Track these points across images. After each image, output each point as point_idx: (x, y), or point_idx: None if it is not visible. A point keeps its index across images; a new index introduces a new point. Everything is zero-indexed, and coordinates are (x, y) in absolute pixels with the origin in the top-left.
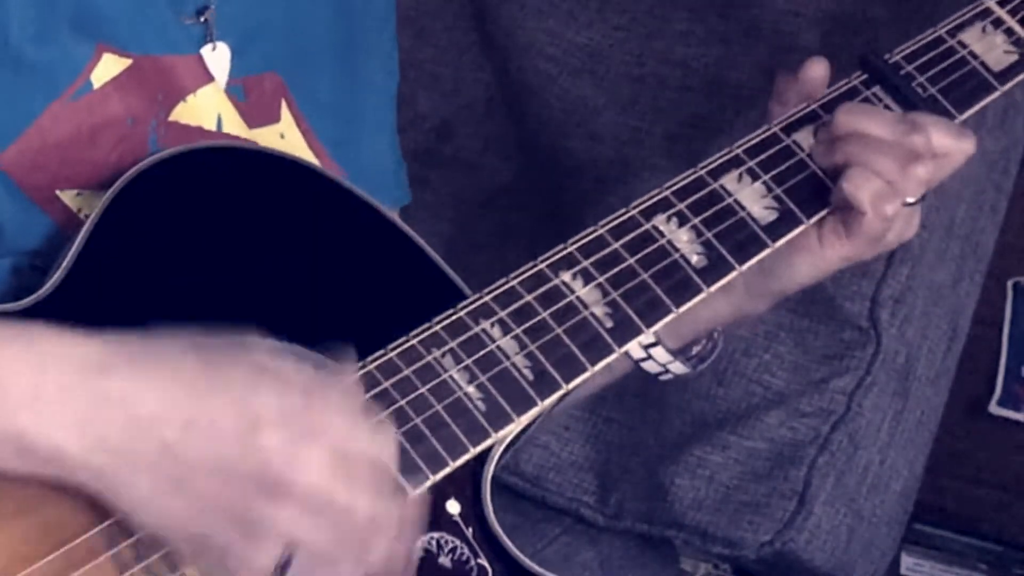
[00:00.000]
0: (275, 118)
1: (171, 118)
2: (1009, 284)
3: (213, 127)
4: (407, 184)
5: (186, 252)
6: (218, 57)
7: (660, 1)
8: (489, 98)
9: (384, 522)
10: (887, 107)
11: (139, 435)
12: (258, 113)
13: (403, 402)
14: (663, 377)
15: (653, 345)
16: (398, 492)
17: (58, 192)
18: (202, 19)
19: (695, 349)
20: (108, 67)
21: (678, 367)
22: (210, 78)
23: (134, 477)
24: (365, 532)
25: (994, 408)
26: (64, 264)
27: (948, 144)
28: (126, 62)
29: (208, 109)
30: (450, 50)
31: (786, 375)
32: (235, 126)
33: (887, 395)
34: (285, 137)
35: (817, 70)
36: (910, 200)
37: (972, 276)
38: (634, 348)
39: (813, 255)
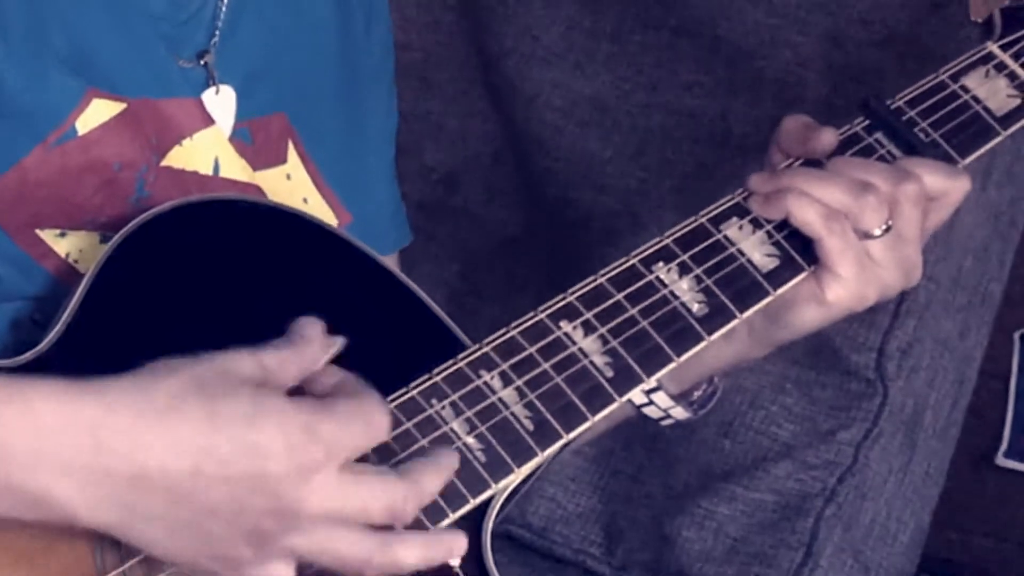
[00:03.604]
0: (282, 159)
1: (165, 162)
2: (1016, 336)
3: (209, 171)
4: (407, 225)
5: (186, 305)
6: (222, 100)
7: (666, 52)
8: (495, 149)
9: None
10: (889, 153)
11: (148, 488)
12: (264, 155)
13: (403, 454)
14: (664, 422)
15: (655, 391)
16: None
17: (39, 232)
18: (202, 62)
19: (696, 394)
20: (97, 112)
21: (679, 412)
22: (210, 121)
23: (146, 525)
24: (378, 547)
25: (1001, 460)
26: (63, 319)
27: (942, 184)
28: (120, 106)
29: (206, 153)
30: (456, 101)
31: (793, 427)
32: (235, 169)
33: (894, 447)
34: (292, 178)
35: (825, 138)
36: (875, 232)
37: (979, 327)
38: (636, 394)
39: (817, 301)
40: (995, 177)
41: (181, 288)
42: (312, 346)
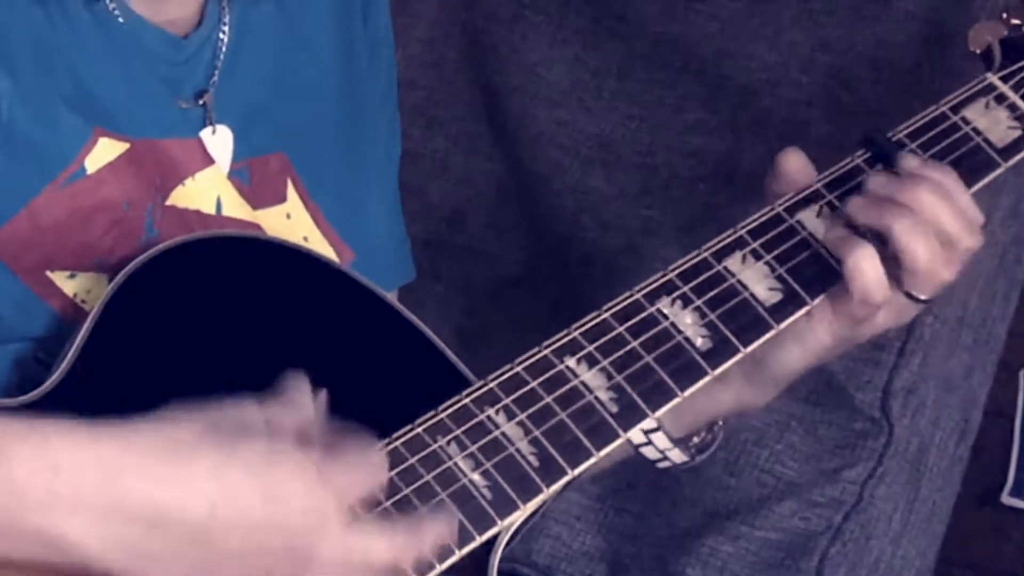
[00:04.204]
0: (281, 198)
1: (168, 202)
2: (1021, 374)
3: (212, 210)
4: (411, 261)
5: (190, 342)
6: (219, 140)
7: (672, 91)
8: (500, 188)
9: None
10: None
11: (163, 529)
12: (263, 194)
13: (408, 491)
14: (661, 464)
15: (654, 431)
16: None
17: (49, 273)
18: (200, 102)
19: (695, 439)
20: (104, 151)
21: (677, 455)
22: (210, 161)
23: (160, 567)
24: None
25: (1006, 498)
26: (67, 357)
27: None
28: (123, 146)
29: (207, 192)
30: (461, 140)
31: (798, 465)
32: (236, 209)
33: (899, 485)
34: (292, 217)
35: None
36: (921, 297)
37: (984, 366)
38: (635, 433)
39: (802, 335)
40: (1000, 215)
41: (185, 325)
42: (300, 402)
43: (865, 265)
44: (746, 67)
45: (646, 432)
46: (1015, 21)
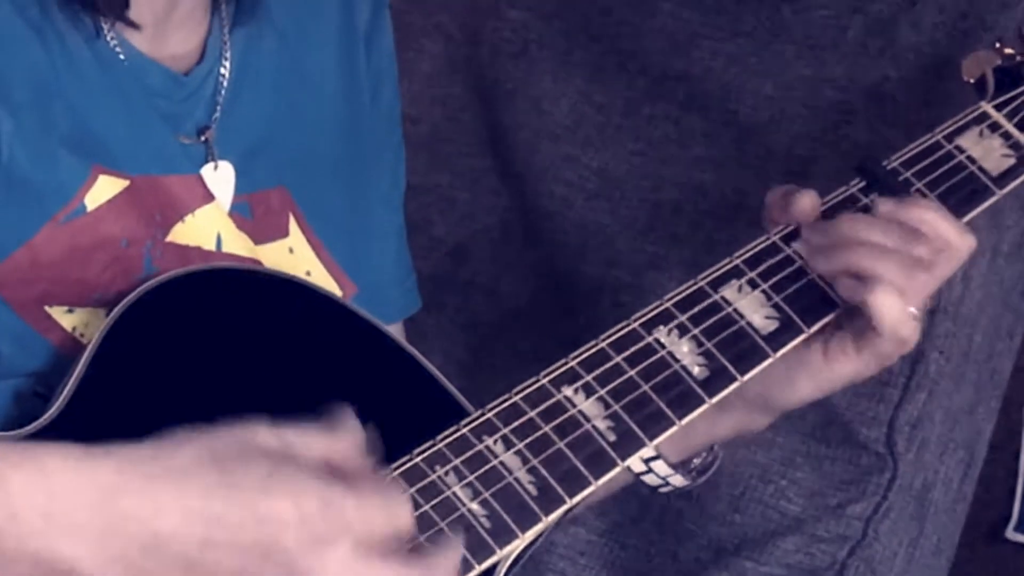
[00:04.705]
0: (283, 233)
1: (169, 238)
2: None
3: (212, 247)
4: (416, 292)
5: (188, 375)
6: (221, 176)
7: (676, 126)
8: (505, 222)
9: None
10: None
11: (159, 553)
12: (265, 229)
13: None
14: (662, 489)
15: (654, 459)
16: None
17: (47, 308)
18: (202, 138)
19: (695, 462)
20: (104, 189)
21: (678, 480)
22: (211, 197)
23: None
24: None
25: (1011, 534)
26: (66, 390)
27: (949, 234)
28: (123, 183)
29: (208, 229)
30: (466, 174)
31: (803, 501)
32: (237, 244)
33: (904, 521)
34: (294, 251)
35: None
36: (915, 312)
37: (989, 401)
38: (635, 462)
39: (817, 371)
40: (1005, 250)
41: (183, 358)
42: (346, 434)
43: (888, 303)
44: (751, 102)
45: (646, 461)
46: (1008, 51)
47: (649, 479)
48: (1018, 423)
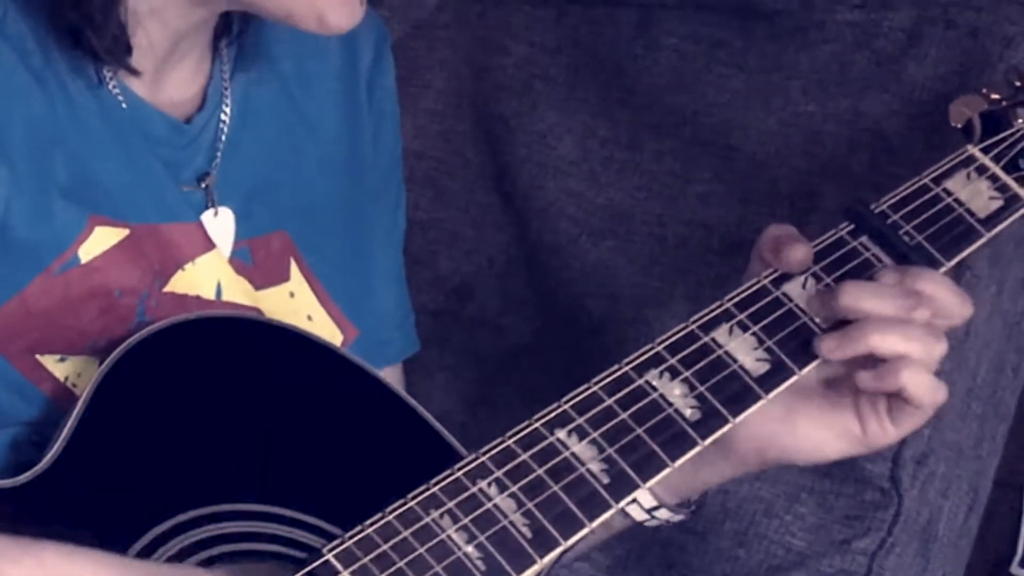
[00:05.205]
0: (284, 277)
1: (167, 288)
2: None
3: (212, 295)
4: (415, 334)
5: (182, 424)
6: (221, 222)
7: (681, 161)
8: (509, 258)
9: None
10: (875, 256)
11: None
12: (266, 274)
13: (402, 563)
14: (648, 523)
15: (656, 508)
16: None
17: (38, 357)
18: (203, 185)
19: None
20: (101, 239)
21: (664, 513)
22: (211, 245)
23: None
24: None
25: (1016, 569)
26: (59, 440)
27: (954, 307)
28: (122, 232)
29: (208, 277)
30: (470, 210)
31: (808, 536)
32: (237, 292)
33: (908, 556)
34: (295, 295)
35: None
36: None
37: (993, 437)
38: (636, 511)
39: (848, 433)
40: (1009, 287)
41: (176, 407)
42: None
43: (918, 380)
44: (756, 138)
45: (649, 510)
46: (994, 96)
47: (634, 511)
48: (1022, 459)
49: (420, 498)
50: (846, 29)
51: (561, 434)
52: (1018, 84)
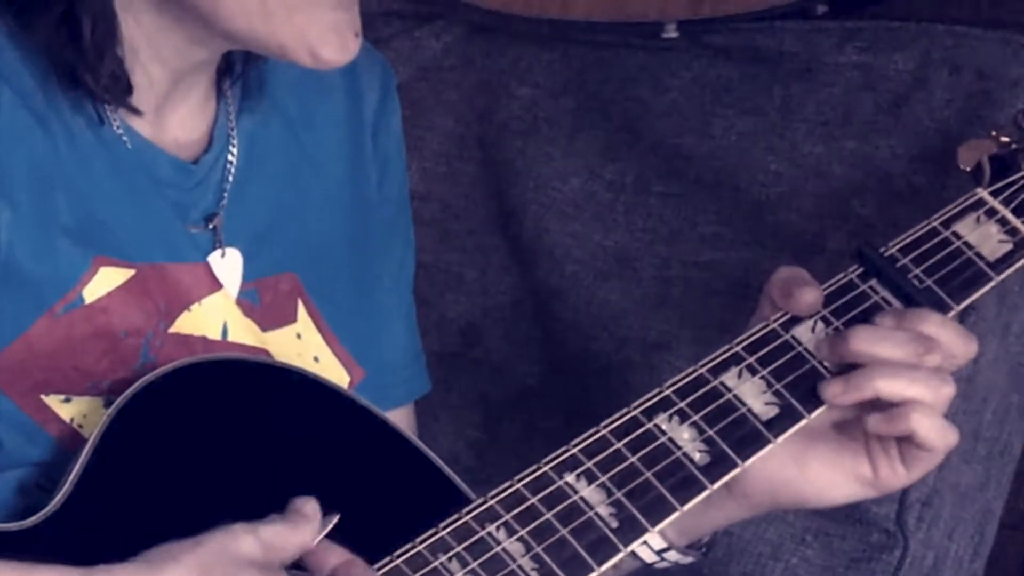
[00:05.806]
0: (291, 318)
1: (173, 329)
2: None
3: (218, 336)
4: (426, 374)
5: (190, 467)
6: (228, 263)
7: (686, 204)
8: (515, 301)
9: None
10: (884, 299)
11: None
12: (273, 315)
13: None
14: (658, 565)
15: (666, 550)
16: None
17: (43, 397)
18: (210, 226)
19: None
20: (106, 279)
21: (674, 555)
22: (217, 286)
23: None
24: None
25: None
26: (67, 484)
27: (959, 348)
28: (128, 273)
29: (214, 318)
30: (476, 253)
31: None
32: (244, 333)
33: None
34: (302, 337)
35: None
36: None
37: (999, 479)
38: (646, 553)
39: (861, 477)
40: (1015, 330)
41: (184, 450)
42: (310, 524)
43: (928, 424)
44: (761, 179)
45: (659, 552)
46: (1004, 139)
47: (644, 553)
48: None
49: (428, 542)
50: (852, 71)
51: (570, 478)
52: None
